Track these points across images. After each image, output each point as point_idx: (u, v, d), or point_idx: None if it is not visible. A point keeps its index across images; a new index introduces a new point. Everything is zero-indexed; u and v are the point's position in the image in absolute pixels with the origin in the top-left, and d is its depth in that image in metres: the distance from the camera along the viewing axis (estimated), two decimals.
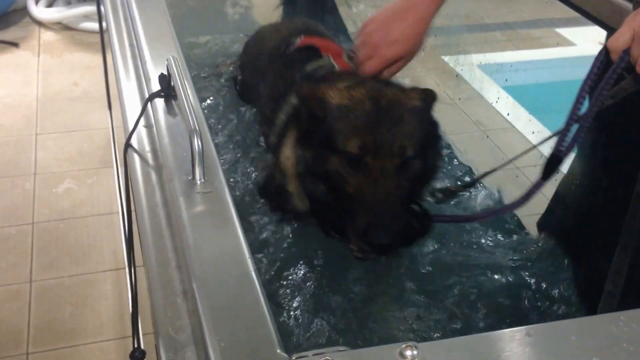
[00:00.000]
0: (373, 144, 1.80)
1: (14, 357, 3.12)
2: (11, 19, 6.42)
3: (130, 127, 1.93)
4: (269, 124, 2.46)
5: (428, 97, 1.99)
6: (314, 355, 1.10)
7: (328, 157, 1.86)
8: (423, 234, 2.04)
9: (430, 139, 1.98)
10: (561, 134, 1.77)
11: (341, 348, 1.13)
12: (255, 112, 2.92)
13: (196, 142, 1.58)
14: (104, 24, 2.84)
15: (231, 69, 3.37)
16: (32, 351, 3.15)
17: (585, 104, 1.74)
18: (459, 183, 2.61)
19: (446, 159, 2.86)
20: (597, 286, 1.94)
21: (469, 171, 2.85)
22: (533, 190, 1.87)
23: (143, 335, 2.31)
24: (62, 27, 6.37)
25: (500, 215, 2.33)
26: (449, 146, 2.99)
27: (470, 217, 2.27)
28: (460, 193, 2.36)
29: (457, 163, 2.93)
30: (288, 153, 2.13)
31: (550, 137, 1.87)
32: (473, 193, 2.59)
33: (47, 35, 6.28)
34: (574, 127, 1.76)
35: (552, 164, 1.82)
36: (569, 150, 1.78)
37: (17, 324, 3.28)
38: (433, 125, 2.03)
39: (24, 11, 6.51)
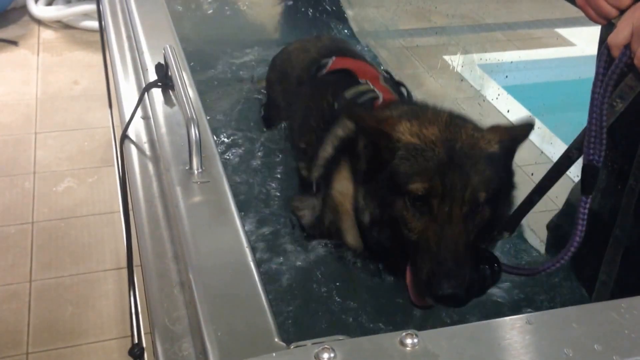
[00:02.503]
0: (441, 188, 1.71)
1: (14, 357, 3.10)
2: (11, 18, 6.41)
3: (127, 118, 1.92)
4: (304, 155, 2.38)
5: (508, 140, 1.88)
6: (312, 344, 1.09)
7: (393, 200, 1.78)
8: (494, 280, 1.91)
9: (503, 187, 1.89)
10: (586, 141, 1.69)
11: (340, 337, 1.12)
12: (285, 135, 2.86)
13: (193, 131, 1.56)
14: (103, 22, 2.82)
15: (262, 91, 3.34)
16: (32, 351, 3.13)
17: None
18: None
19: None
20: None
21: None
22: (583, 212, 1.74)
23: (144, 334, 2.30)
24: (62, 25, 6.36)
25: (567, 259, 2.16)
26: None
27: (534, 271, 2.00)
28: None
29: None
30: (341, 188, 2.07)
31: (573, 151, 1.79)
32: None
33: (47, 34, 6.27)
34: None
35: (589, 174, 1.70)
36: (600, 156, 1.67)
37: (17, 323, 3.27)
38: (509, 172, 1.93)
39: (23, 9, 6.50)
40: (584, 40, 5.62)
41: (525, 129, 1.93)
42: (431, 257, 1.69)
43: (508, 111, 4.35)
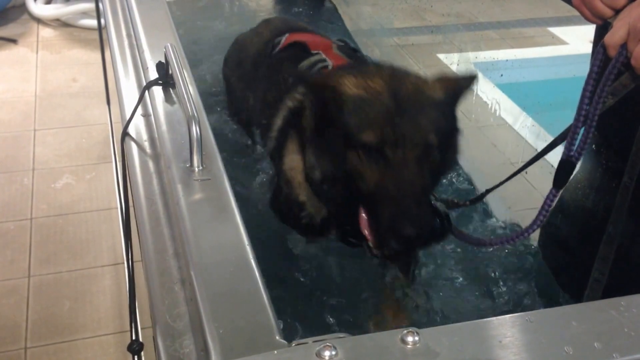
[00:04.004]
0: (392, 135, 1.72)
1: (12, 352, 3.11)
2: (10, 16, 6.42)
3: (128, 116, 1.92)
4: (266, 132, 2.39)
5: (452, 88, 1.91)
6: (313, 342, 1.09)
7: (344, 154, 1.78)
8: (443, 235, 1.95)
9: (450, 130, 1.91)
10: (569, 137, 1.72)
11: (341, 335, 1.12)
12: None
13: (194, 129, 1.56)
14: (102, 20, 2.82)
15: None
16: (30, 346, 3.14)
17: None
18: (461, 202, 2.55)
19: None
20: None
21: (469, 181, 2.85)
22: (549, 204, 1.80)
23: (142, 329, 2.31)
24: (61, 23, 6.37)
25: (518, 241, 2.20)
26: None
27: (485, 242, 2.09)
28: (462, 206, 2.23)
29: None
30: (292, 162, 2.07)
31: (558, 141, 1.82)
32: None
33: (46, 32, 6.28)
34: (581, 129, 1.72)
35: (564, 170, 1.74)
36: (580, 154, 1.71)
37: (15, 318, 3.27)
38: (454, 118, 1.94)
39: (22, 8, 6.52)
40: (577, 39, 5.65)
41: (468, 79, 1.95)
42: (391, 202, 1.69)
43: (501, 111, 4.37)
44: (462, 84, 1.93)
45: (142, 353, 2.04)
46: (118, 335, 3.21)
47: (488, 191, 2.18)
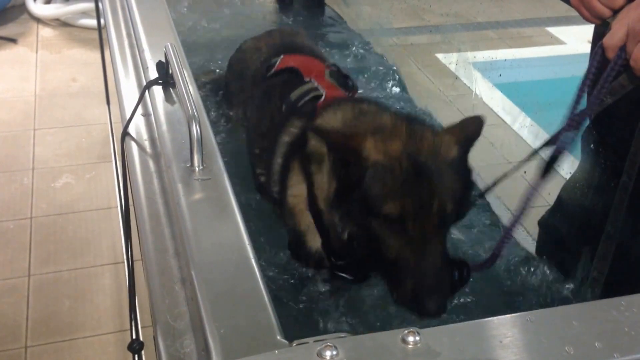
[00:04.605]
0: (413, 207, 1.71)
1: (13, 351, 3.11)
2: (10, 16, 6.43)
3: (128, 116, 1.92)
4: (259, 161, 2.40)
5: (465, 139, 1.87)
6: (315, 341, 1.09)
7: (367, 221, 1.77)
8: (463, 284, 1.93)
9: (464, 189, 1.88)
10: (561, 132, 1.73)
11: (342, 334, 1.11)
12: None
13: (194, 129, 1.56)
14: (102, 20, 2.82)
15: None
16: (31, 345, 3.14)
17: (583, 103, 1.73)
18: None
19: None
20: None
21: None
22: (532, 194, 1.82)
23: (142, 328, 2.31)
24: (60, 23, 6.38)
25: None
26: None
27: (484, 264, 2.06)
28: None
29: None
30: (294, 191, 2.08)
31: (550, 140, 1.83)
32: None
33: (45, 32, 6.29)
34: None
35: (555, 163, 1.77)
36: (565, 148, 1.72)
37: (16, 317, 3.28)
38: (468, 173, 1.92)
39: (22, 8, 6.53)
40: (575, 39, 5.67)
41: (477, 125, 1.91)
42: (412, 275, 1.71)
43: (499, 110, 4.38)
44: (472, 132, 1.90)
45: (143, 352, 2.04)
46: (118, 334, 3.21)
47: (483, 194, 2.20)
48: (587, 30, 2.05)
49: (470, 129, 1.90)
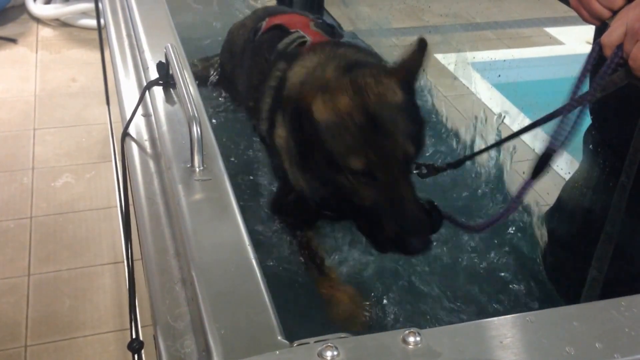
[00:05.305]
0: (376, 157, 1.76)
1: (13, 350, 3.11)
2: (9, 16, 6.43)
3: (128, 116, 1.92)
4: (255, 113, 2.44)
5: (406, 78, 1.94)
6: (315, 342, 1.09)
7: (333, 177, 1.83)
8: (436, 229, 1.97)
9: (418, 128, 1.94)
10: (555, 131, 1.72)
11: (343, 335, 1.12)
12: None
13: (195, 130, 1.56)
14: (102, 20, 2.82)
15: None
16: (31, 344, 3.14)
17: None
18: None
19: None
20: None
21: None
22: (525, 190, 1.82)
23: (142, 327, 2.31)
24: (60, 23, 6.38)
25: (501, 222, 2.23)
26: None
27: (472, 227, 2.11)
28: (444, 171, 2.22)
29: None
30: (280, 131, 2.11)
31: (540, 121, 1.83)
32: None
33: (45, 32, 6.28)
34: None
35: (546, 162, 1.76)
36: (560, 146, 1.72)
37: (15, 317, 3.28)
38: (416, 110, 1.97)
39: (22, 8, 6.53)
40: (573, 39, 5.68)
41: (417, 54, 1.99)
42: (393, 218, 1.77)
43: (498, 110, 4.37)
44: (412, 66, 1.97)
45: (142, 351, 2.04)
46: (118, 333, 3.21)
47: (467, 157, 2.32)
48: (585, 31, 2.06)
49: (411, 62, 1.97)
